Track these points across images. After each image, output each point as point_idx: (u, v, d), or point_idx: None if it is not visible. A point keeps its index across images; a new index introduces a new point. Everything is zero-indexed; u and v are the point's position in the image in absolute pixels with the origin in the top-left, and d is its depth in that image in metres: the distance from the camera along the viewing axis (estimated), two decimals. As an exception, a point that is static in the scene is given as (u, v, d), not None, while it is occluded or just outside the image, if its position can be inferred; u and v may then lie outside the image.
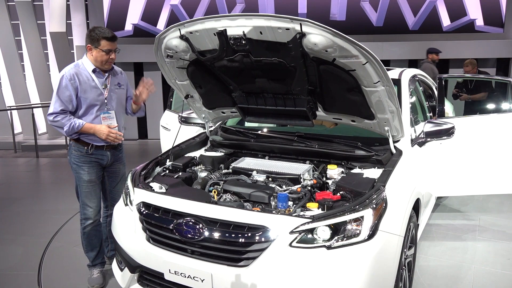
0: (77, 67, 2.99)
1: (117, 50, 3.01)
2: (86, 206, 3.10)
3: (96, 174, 3.11)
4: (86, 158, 3.06)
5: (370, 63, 2.36)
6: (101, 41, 2.92)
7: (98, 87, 3.02)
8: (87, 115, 3.01)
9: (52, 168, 7.44)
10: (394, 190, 2.43)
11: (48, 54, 10.05)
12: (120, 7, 9.40)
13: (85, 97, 2.97)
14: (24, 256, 3.77)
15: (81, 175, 3.07)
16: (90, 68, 3.00)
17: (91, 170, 3.07)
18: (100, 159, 3.10)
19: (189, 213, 2.33)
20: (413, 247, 2.88)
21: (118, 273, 2.75)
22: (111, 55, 2.97)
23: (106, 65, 3.00)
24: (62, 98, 2.92)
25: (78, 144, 3.05)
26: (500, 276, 3.30)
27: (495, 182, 3.60)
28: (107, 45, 2.94)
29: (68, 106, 2.93)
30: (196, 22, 2.50)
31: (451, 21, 8.90)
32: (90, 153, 3.05)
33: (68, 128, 2.92)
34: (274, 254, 2.13)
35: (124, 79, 3.25)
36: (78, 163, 3.07)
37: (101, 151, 3.09)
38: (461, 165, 3.56)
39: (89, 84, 2.98)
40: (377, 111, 2.70)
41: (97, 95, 3.01)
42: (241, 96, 3.02)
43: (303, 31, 2.26)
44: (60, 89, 2.92)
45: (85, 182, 3.07)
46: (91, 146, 3.04)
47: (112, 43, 2.96)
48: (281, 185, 2.65)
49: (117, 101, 3.16)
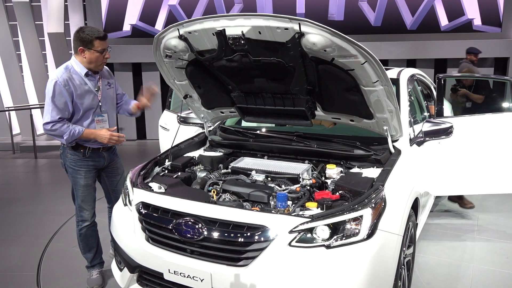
0: (68, 71, 2.87)
1: (109, 48, 2.94)
2: (83, 209, 3.08)
3: (92, 178, 3.10)
4: (83, 162, 3.02)
5: (368, 62, 2.36)
6: (94, 41, 2.83)
7: (92, 91, 2.96)
8: (84, 119, 2.96)
9: (51, 169, 7.43)
10: (393, 190, 2.44)
11: (46, 55, 10.03)
12: (118, 8, 9.39)
13: (81, 102, 2.90)
14: (23, 257, 3.76)
15: (77, 179, 3.03)
16: (83, 72, 2.91)
17: (88, 175, 3.05)
18: (97, 161, 3.08)
19: (188, 213, 2.33)
20: (412, 246, 2.88)
21: (118, 273, 2.74)
22: (105, 55, 2.91)
23: (101, 66, 2.95)
24: (59, 106, 2.82)
25: (74, 148, 2.99)
26: (498, 275, 3.31)
27: (494, 181, 3.60)
28: (100, 44, 2.85)
29: (65, 113, 2.85)
30: (194, 22, 2.50)
31: (449, 21, 8.93)
32: (87, 156, 3.02)
33: (69, 136, 2.84)
34: (273, 253, 2.13)
35: (111, 77, 3.19)
36: (74, 167, 3.02)
37: (98, 153, 3.06)
38: (459, 164, 3.57)
39: (83, 88, 2.91)
40: (376, 111, 2.70)
41: (91, 98, 2.96)
42: (240, 96, 3.02)
43: (301, 31, 2.26)
44: (55, 96, 2.80)
45: (81, 186, 3.04)
46: (88, 149, 3.01)
47: (105, 42, 2.88)
48: (280, 185, 2.65)
49: (110, 102, 3.13)
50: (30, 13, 9.51)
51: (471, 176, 3.59)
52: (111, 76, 3.21)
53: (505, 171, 3.56)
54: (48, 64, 10.08)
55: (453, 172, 3.56)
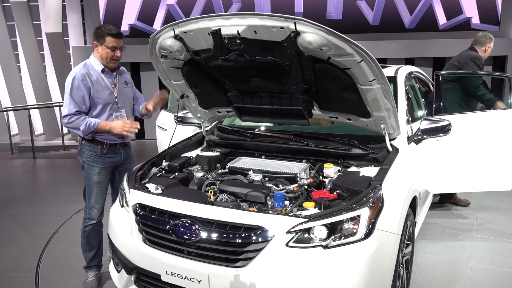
0: (86, 68, 3.01)
1: (123, 48, 3.05)
2: (91, 207, 3.13)
3: (106, 176, 3.15)
4: (100, 159, 3.10)
5: (365, 61, 2.35)
6: (106, 37, 2.95)
7: (109, 87, 3.07)
8: (101, 114, 3.05)
9: (49, 169, 7.42)
10: (390, 188, 2.43)
11: (44, 55, 10.02)
12: (116, 7, 9.39)
13: (98, 97, 3.01)
14: (22, 258, 3.75)
15: (91, 176, 3.10)
16: (99, 68, 3.03)
17: (102, 171, 3.11)
18: (113, 158, 3.15)
19: (185, 214, 2.32)
20: (411, 245, 2.87)
21: (115, 275, 2.73)
22: (117, 53, 3.00)
23: (111, 62, 3.03)
24: (76, 99, 2.94)
25: (92, 144, 3.07)
26: (497, 274, 3.30)
27: (492, 179, 3.59)
28: (112, 41, 2.96)
29: (82, 107, 2.97)
30: (190, 22, 2.49)
31: (447, 19, 8.92)
32: (104, 152, 3.09)
33: (85, 128, 2.94)
34: (271, 254, 2.12)
35: (129, 78, 3.32)
36: (90, 162, 3.09)
37: (115, 149, 3.15)
38: (458, 161, 3.56)
39: (100, 84, 3.03)
40: (373, 109, 2.69)
41: (108, 94, 3.06)
42: (236, 95, 3.01)
43: (297, 30, 2.25)
44: (73, 90, 2.93)
45: (94, 183, 3.10)
46: (105, 145, 3.08)
47: (117, 40, 2.99)
48: (277, 185, 2.64)
49: (126, 100, 3.23)
50: (28, 13, 9.50)
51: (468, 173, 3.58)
52: (129, 77, 3.34)
53: (504, 169, 3.55)
54: (46, 64, 10.07)
55: (452, 169, 3.55)
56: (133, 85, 3.38)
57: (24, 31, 9.52)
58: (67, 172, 7.13)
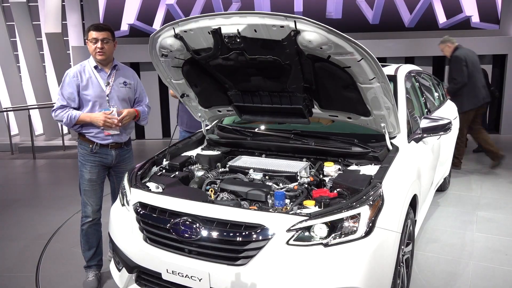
0: (81, 66, 3.11)
1: (105, 40, 3.04)
2: (85, 204, 3.17)
3: (97, 174, 3.16)
4: (90, 157, 3.13)
5: (365, 59, 2.35)
6: (89, 32, 3.04)
7: (99, 84, 3.08)
8: (91, 112, 3.07)
9: (49, 169, 7.42)
10: (391, 187, 2.43)
11: (44, 55, 10.02)
12: (116, 7, 9.39)
13: (86, 93, 3.05)
14: (22, 258, 3.75)
15: (83, 173, 3.15)
16: (92, 65, 3.10)
17: (92, 170, 3.14)
18: (104, 159, 3.16)
19: (186, 213, 2.33)
20: (411, 244, 2.88)
21: (116, 274, 2.74)
22: (98, 44, 3.02)
23: (97, 55, 3.06)
24: (65, 95, 3.05)
25: (83, 142, 3.13)
26: (498, 272, 3.31)
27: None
28: (92, 34, 3.02)
29: (70, 103, 3.05)
30: (190, 21, 2.49)
31: (447, 18, 8.92)
32: (94, 151, 3.11)
33: (67, 120, 3.02)
34: (271, 252, 2.12)
35: (132, 79, 3.28)
36: (82, 161, 3.16)
37: (106, 150, 3.16)
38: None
39: (91, 81, 3.07)
40: (373, 108, 2.70)
41: (98, 91, 3.07)
42: (236, 94, 3.01)
43: (297, 29, 2.25)
44: (64, 86, 3.06)
45: (85, 180, 3.15)
46: (96, 144, 3.10)
47: (98, 32, 3.03)
48: (278, 183, 2.64)
49: (121, 100, 3.18)
50: (27, 14, 9.49)
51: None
52: (134, 79, 3.30)
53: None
54: (46, 64, 10.07)
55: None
56: (139, 87, 3.33)
57: (24, 31, 9.52)
58: (67, 172, 7.14)
